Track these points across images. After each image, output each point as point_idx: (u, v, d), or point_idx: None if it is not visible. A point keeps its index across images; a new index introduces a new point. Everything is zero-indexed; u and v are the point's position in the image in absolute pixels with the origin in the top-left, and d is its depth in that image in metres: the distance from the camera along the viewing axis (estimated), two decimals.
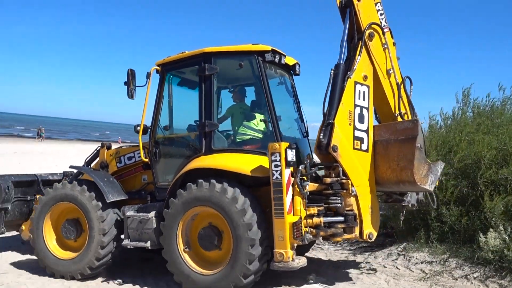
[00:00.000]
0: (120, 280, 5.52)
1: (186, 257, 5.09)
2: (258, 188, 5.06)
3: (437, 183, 5.31)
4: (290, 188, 4.57)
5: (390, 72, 5.44)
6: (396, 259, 6.44)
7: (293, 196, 4.59)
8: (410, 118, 5.52)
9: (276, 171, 4.54)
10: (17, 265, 6.15)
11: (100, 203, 5.58)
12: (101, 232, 5.52)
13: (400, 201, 5.62)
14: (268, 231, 4.73)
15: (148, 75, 5.80)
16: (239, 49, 5.48)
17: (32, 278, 5.60)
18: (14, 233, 6.95)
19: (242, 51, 5.47)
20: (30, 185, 6.67)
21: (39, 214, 5.93)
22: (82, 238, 5.77)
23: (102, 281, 5.56)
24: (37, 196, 6.26)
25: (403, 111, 5.53)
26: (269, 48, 5.36)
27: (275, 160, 4.55)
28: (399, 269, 6.14)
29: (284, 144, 4.59)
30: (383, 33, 5.43)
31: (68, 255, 5.81)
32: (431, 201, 5.62)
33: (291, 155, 4.62)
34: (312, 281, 5.47)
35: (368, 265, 6.39)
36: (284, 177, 4.50)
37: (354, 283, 5.61)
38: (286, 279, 5.47)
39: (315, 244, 7.27)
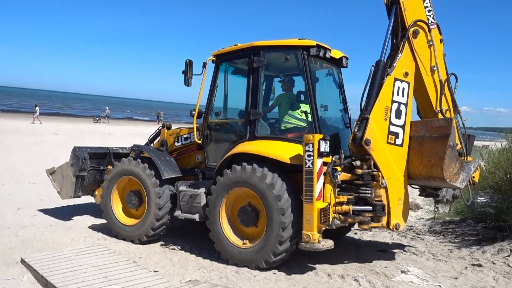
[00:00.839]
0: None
1: (226, 229, 5.72)
2: (297, 174, 5.31)
3: (475, 179, 5.69)
4: (322, 176, 4.96)
5: (434, 69, 5.51)
6: (508, 255, 5.98)
7: (324, 184, 4.99)
8: (452, 115, 5.62)
9: (309, 160, 4.93)
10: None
11: (158, 181, 6.37)
12: (157, 206, 6.35)
13: (434, 195, 5.87)
14: (300, 215, 5.10)
15: (204, 65, 6.38)
16: (286, 43, 5.85)
17: (140, 248, 6.35)
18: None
19: (288, 45, 5.83)
20: (103, 157, 7.67)
21: (109, 184, 6.88)
22: (142, 208, 6.64)
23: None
24: (109, 167, 7.36)
25: (445, 108, 5.62)
26: (314, 43, 5.66)
27: (308, 150, 4.93)
28: (510, 266, 5.67)
29: (318, 136, 4.96)
30: (429, 30, 5.48)
31: (130, 221, 6.73)
32: (464, 199, 5.85)
33: (324, 147, 5.00)
34: (409, 272, 5.39)
35: (474, 260, 5.96)
36: (315, 167, 4.89)
37: (456, 278, 5.32)
38: (381, 268, 5.64)
39: (414, 234, 7.41)
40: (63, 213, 7.97)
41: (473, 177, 5.85)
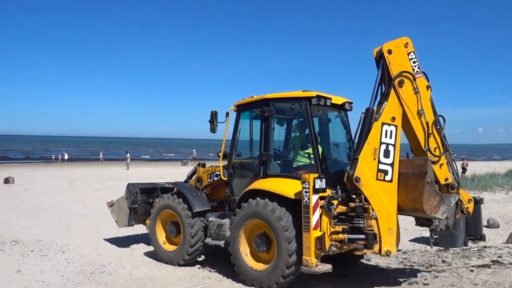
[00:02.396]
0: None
1: (243, 254, 6.56)
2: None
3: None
4: (318, 209, 5.70)
5: (421, 112, 6.16)
6: None
7: (321, 215, 5.74)
8: (441, 152, 6.22)
9: (306, 196, 5.71)
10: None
11: (190, 213, 7.40)
12: (190, 235, 7.38)
13: (427, 225, 6.37)
14: None
15: (227, 114, 7.39)
16: (290, 95, 6.80)
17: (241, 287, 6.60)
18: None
19: (292, 97, 6.78)
20: (152, 191, 8.79)
21: (154, 216, 8.05)
22: (180, 237, 7.66)
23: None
24: (156, 200, 8.25)
25: (434, 146, 6.23)
26: (314, 94, 6.49)
27: (305, 187, 5.71)
28: None
29: (313, 175, 5.72)
30: (414, 79, 6.17)
31: (171, 248, 7.81)
32: (448, 226, 6.26)
33: (320, 184, 5.71)
34: None
35: None
36: (311, 201, 5.64)
37: None
38: None
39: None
40: None
41: (467, 208, 6.45)
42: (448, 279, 6.90)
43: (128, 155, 39.65)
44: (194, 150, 54.85)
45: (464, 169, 29.10)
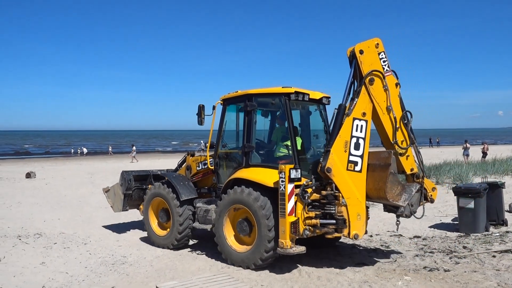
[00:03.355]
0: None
1: (227, 236, 7.13)
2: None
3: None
4: (293, 196, 6.24)
5: (390, 108, 6.62)
6: None
7: (296, 202, 6.29)
8: (408, 144, 6.75)
9: (282, 184, 6.24)
10: None
11: (178, 202, 7.91)
12: (178, 223, 7.89)
13: (394, 211, 6.78)
14: None
15: (214, 107, 7.90)
16: (271, 91, 7.22)
17: (261, 275, 6.75)
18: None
19: (273, 93, 7.20)
20: (145, 178, 9.42)
21: (146, 204, 8.64)
22: (170, 223, 8.19)
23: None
24: (150, 186, 8.83)
25: (401, 139, 6.71)
26: (293, 90, 6.95)
27: (282, 177, 6.25)
28: None
29: (289, 166, 6.25)
30: (384, 78, 6.59)
31: (162, 233, 8.38)
32: (412, 212, 6.72)
33: (295, 174, 6.25)
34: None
35: None
36: (286, 190, 6.19)
37: None
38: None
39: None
40: (190, 243, 8.56)
41: (431, 195, 6.91)
42: (470, 265, 6.82)
43: (134, 148, 39.95)
44: (202, 141, 55.11)
45: (484, 154, 28.52)
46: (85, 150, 54.60)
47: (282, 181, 6.22)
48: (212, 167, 8.05)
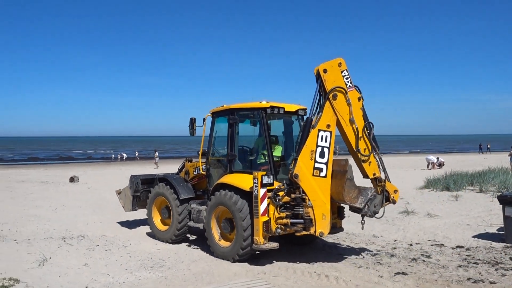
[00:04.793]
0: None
1: (214, 233, 8.04)
2: None
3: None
4: (266, 199, 7.14)
5: (352, 120, 7.29)
6: None
7: (269, 204, 7.17)
8: (369, 152, 7.39)
9: (255, 189, 7.14)
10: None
11: (178, 201, 8.86)
12: (177, 220, 8.84)
13: (358, 211, 7.39)
14: None
15: (204, 120, 8.91)
16: (249, 106, 8.09)
17: (297, 282, 6.71)
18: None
19: (251, 107, 8.06)
20: (151, 181, 10.15)
21: (150, 202, 9.64)
22: (170, 220, 9.14)
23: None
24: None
25: (364, 147, 7.37)
26: (268, 105, 7.83)
27: (255, 183, 7.14)
28: None
29: (261, 173, 7.20)
30: (346, 93, 7.27)
31: (164, 228, 9.35)
32: (374, 212, 7.35)
33: (267, 179, 7.18)
34: None
35: None
36: (259, 194, 7.10)
37: None
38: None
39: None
40: None
41: (393, 197, 7.55)
42: None
43: (157, 153, 40.49)
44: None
45: None
46: (124, 155, 56.15)
47: (256, 186, 7.11)
48: (204, 172, 9.01)
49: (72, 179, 23.00)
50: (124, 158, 54.94)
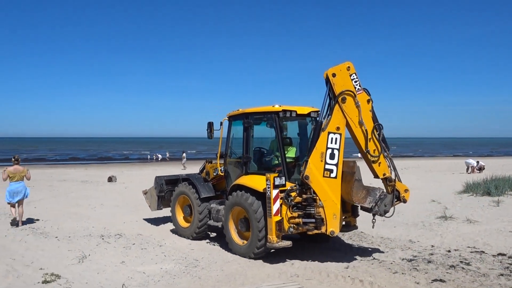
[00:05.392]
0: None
1: (232, 232, 8.43)
2: None
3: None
4: (278, 200, 7.44)
5: (362, 122, 7.43)
6: None
7: (281, 205, 7.46)
8: (379, 153, 7.53)
9: (268, 190, 7.47)
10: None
11: (199, 200, 9.37)
12: (197, 219, 9.38)
13: (368, 210, 7.53)
14: None
15: (221, 123, 9.35)
16: (263, 110, 8.39)
17: (330, 286, 6.63)
18: None
19: (264, 111, 8.38)
20: (175, 182, 10.58)
21: (173, 200, 10.23)
22: (191, 217, 9.68)
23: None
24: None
25: (373, 148, 7.52)
26: (280, 108, 8.08)
27: (268, 184, 7.47)
28: None
29: (273, 175, 7.53)
30: (355, 96, 7.41)
31: (186, 225, 9.93)
32: (385, 211, 7.47)
33: (279, 181, 7.50)
34: None
35: None
36: (272, 194, 7.41)
37: None
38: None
39: None
40: None
41: (404, 196, 7.68)
42: None
43: (184, 155, 40.75)
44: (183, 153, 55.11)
45: None
46: (160, 156, 57.33)
47: (268, 187, 7.44)
48: (222, 173, 9.46)
49: (110, 179, 23.68)
50: (159, 159, 56.11)
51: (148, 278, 6.91)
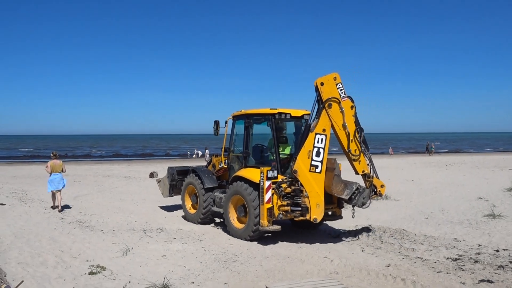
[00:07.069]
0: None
1: (231, 217, 9.62)
2: None
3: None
4: (270, 190, 8.54)
5: (345, 125, 8.61)
6: None
7: (273, 194, 8.58)
8: (359, 152, 8.72)
9: (262, 181, 8.59)
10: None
11: (203, 190, 10.67)
12: (202, 206, 10.70)
13: (348, 202, 8.73)
14: None
15: (226, 122, 10.67)
16: (260, 112, 9.60)
17: (371, 284, 6.49)
18: None
19: (262, 113, 9.58)
20: (186, 172, 11.88)
21: (183, 190, 11.62)
22: (197, 205, 10.99)
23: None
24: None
25: (354, 148, 8.67)
26: (276, 111, 9.28)
27: (262, 176, 8.59)
28: None
29: (266, 168, 8.67)
30: (340, 102, 8.58)
31: (193, 211, 11.27)
32: (363, 203, 8.66)
33: (271, 174, 8.62)
34: None
35: None
36: (265, 185, 8.52)
37: None
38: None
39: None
40: (298, 246, 8.69)
41: (380, 191, 8.85)
42: None
43: (207, 151, 40.84)
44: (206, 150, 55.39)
45: None
46: (200, 153, 58.23)
47: (262, 179, 8.53)
48: (226, 166, 10.69)
49: (151, 175, 24.30)
50: (199, 155, 57.00)
51: (189, 272, 7.04)
